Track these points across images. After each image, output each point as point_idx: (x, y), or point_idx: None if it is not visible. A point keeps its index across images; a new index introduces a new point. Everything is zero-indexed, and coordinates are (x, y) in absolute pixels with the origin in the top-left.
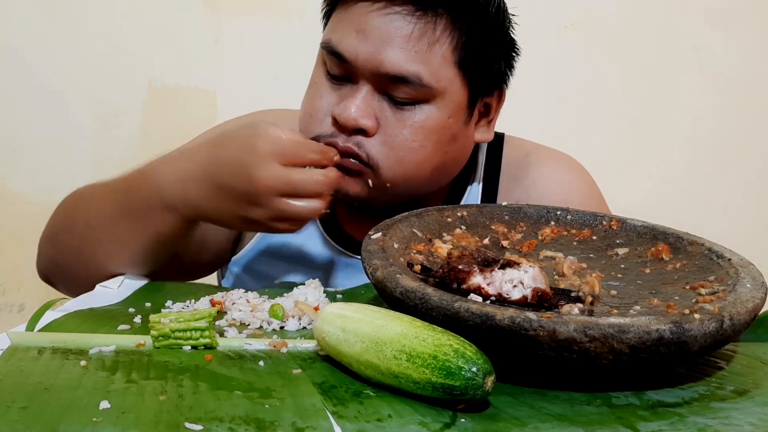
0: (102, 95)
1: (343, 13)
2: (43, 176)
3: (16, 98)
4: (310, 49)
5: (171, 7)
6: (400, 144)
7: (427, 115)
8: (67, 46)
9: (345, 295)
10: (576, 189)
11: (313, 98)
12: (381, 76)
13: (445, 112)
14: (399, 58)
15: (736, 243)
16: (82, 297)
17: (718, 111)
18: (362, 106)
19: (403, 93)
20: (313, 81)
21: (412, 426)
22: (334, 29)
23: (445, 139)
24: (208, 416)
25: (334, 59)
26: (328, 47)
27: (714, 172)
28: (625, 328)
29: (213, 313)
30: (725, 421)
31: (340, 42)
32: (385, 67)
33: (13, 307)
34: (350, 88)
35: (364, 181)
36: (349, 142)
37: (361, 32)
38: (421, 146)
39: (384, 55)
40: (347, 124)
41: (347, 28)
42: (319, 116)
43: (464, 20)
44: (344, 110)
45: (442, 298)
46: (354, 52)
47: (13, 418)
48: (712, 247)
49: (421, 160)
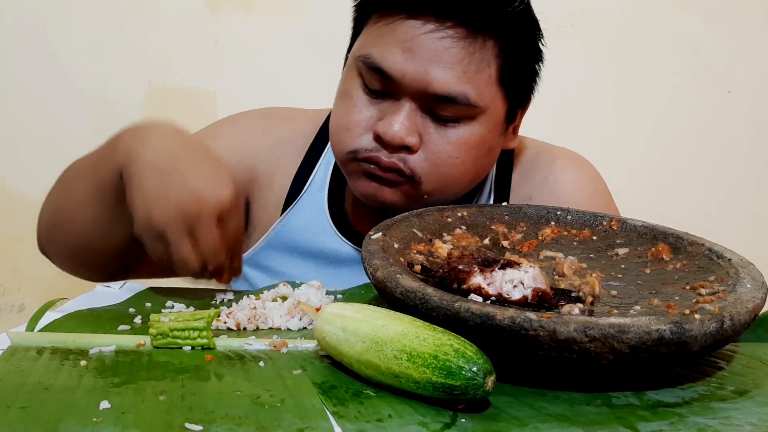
0: (102, 95)
1: (384, 28)
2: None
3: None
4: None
5: (171, 7)
6: (444, 161)
7: (470, 132)
8: (66, 45)
9: (345, 295)
10: (585, 187)
11: (350, 111)
12: (427, 95)
13: (486, 127)
14: (448, 79)
15: (735, 243)
16: (82, 297)
17: (718, 110)
18: (407, 123)
19: (449, 111)
20: (347, 92)
21: (413, 426)
22: (374, 43)
23: (483, 152)
24: (208, 416)
25: (375, 75)
26: (368, 62)
27: (713, 171)
28: (626, 328)
29: (213, 315)
30: (725, 421)
31: (385, 59)
32: (433, 87)
33: (13, 307)
34: (391, 103)
35: (402, 192)
36: (393, 157)
37: (408, 51)
38: (462, 162)
39: (433, 75)
40: (393, 142)
41: (391, 45)
42: (358, 131)
43: (511, 42)
44: (389, 127)
45: (443, 298)
46: (401, 70)
47: (13, 417)
48: (713, 247)
49: (461, 174)
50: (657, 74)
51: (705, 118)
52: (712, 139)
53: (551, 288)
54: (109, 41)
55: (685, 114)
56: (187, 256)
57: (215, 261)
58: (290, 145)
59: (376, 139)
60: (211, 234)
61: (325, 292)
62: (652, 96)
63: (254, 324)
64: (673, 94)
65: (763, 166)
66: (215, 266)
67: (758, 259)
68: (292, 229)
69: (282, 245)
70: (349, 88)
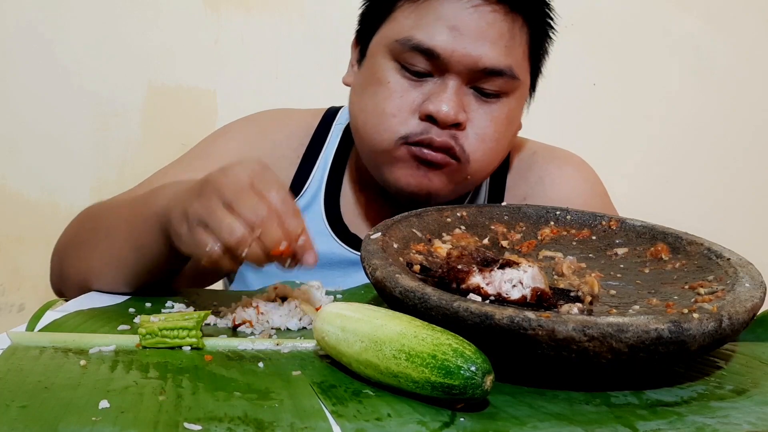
0: (102, 95)
1: (421, 10)
2: (43, 176)
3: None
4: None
5: (171, 7)
6: (489, 136)
7: (508, 107)
8: (66, 45)
9: (345, 295)
10: (581, 188)
11: (391, 98)
12: (475, 71)
13: (519, 102)
14: (496, 53)
15: (735, 242)
16: (82, 297)
17: (718, 110)
18: (455, 99)
19: (495, 86)
20: (381, 80)
21: (412, 425)
22: (413, 26)
23: (513, 130)
24: (206, 416)
25: (420, 55)
26: (412, 44)
27: (713, 170)
28: (624, 327)
29: (202, 315)
30: (724, 420)
31: (431, 38)
32: (483, 62)
33: (13, 307)
34: (434, 82)
35: (447, 176)
36: (443, 136)
37: (454, 29)
38: (503, 137)
39: (482, 50)
40: (447, 120)
41: (435, 25)
42: (404, 115)
43: (536, 21)
44: (440, 105)
45: (441, 298)
46: (450, 48)
47: (12, 417)
48: (711, 246)
49: (502, 150)
50: (657, 74)
51: (705, 118)
52: (712, 138)
53: (550, 288)
54: (109, 41)
55: (684, 113)
56: (232, 225)
57: (268, 229)
58: (286, 149)
59: (425, 119)
60: (249, 199)
61: (324, 292)
62: (651, 96)
63: (254, 324)
64: (672, 94)
65: (762, 165)
66: (271, 238)
67: (757, 259)
68: None
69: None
70: (383, 76)
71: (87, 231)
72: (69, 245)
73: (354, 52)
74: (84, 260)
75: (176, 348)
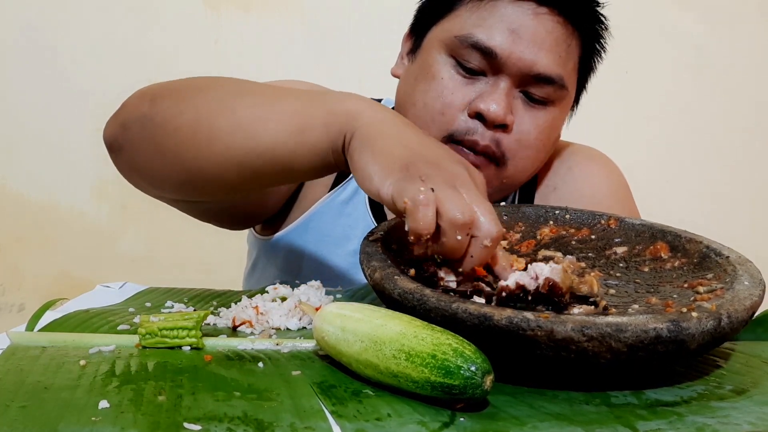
0: (102, 95)
1: (484, 11)
2: (43, 176)
3: (17, 98)
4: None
5: (171, 7)
6: (531, 143)
7: (553, 116)
8: (66, 45)
9: (345, 295)
10: (609, 179)
11: (443, 94)
12: (528, 75)
13: (563, 113)
14: (550, 61)
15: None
16: (82, 297)
17: (718, 110)
18: (505, 100)
19: (543, 93)
20: (434, 74)
21: (411, 425)
22: (475, 24)
23: (553, 140)
24: (206, 416)
25: (477, 53)
26: (471, 41)
27: (712, 170)
28: (623, 327)
29: (202, 315)
30: (724, 420)
31: (491, 38)
32: (537, 67)
33: (13, 307)
34: (486, 82)
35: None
36: (487, 139)
37: (514, 32)
38: (543, 146)
39: (538, 56)
40: (496, 120)
41: (496, 26)
42: (453, 112)
43: (590, 37)
44: (491, 104)
45: (440, 299)
46: (508, 50)
47: (12, 417)
48: (710, 244)
49: (539, 159)
50: (655, 72)
51: (703, 116)
52: (711, 136)
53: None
54: (109, 41)
55: (683, 112)
56: (465, 207)
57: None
58: None
59: (473, 116)
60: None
61: (324, 292)
62: (650, 94)
63: (253, 324)
64: (671, 93)
65: (761, 164)
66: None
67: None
68: (333, 206)
69: (318, 230)
70: (437, 70)
71: (220, 86)
72: (186, 88)
73: (406, 44)
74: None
75: (176, 348)
